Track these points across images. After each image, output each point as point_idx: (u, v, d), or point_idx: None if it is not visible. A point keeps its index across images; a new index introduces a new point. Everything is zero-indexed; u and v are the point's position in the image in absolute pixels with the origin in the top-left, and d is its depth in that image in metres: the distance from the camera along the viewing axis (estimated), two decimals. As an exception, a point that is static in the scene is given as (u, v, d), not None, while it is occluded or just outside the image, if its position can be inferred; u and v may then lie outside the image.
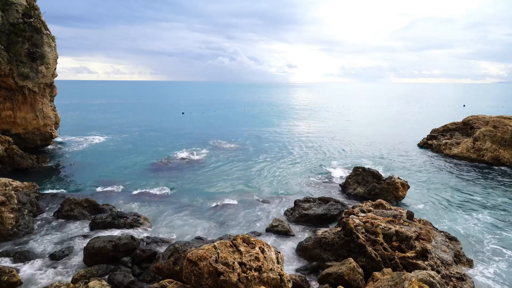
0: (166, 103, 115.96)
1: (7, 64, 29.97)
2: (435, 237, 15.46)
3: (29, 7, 32.19)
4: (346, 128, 57.97)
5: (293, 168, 31.34)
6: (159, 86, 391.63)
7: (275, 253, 11.79)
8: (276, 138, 47.89)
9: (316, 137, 48.44)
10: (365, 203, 18.00)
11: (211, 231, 18.31)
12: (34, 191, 20.90)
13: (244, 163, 32.91)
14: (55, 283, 12.50)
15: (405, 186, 22.95)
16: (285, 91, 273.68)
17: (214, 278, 10.17)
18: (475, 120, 39.60)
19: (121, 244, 15.01)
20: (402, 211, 16.62)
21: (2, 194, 17.72)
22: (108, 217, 18.50)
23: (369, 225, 14.63)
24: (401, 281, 10.47)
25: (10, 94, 31.83)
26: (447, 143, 37.28)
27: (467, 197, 24.06)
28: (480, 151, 33.30)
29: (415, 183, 26.74)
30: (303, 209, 20.06)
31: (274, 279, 10.66)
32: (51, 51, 33.25)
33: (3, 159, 27.76)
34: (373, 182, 23.68)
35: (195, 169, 30.53)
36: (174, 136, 48.41)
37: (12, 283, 12.68)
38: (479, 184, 26.87)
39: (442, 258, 13.83)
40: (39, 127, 34.39)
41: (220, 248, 10.92)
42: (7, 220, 16.83)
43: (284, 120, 70.58)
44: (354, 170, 25.50)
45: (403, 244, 13.84)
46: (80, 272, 13.44)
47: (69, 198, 20.44)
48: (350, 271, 12.41)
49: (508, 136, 32.28)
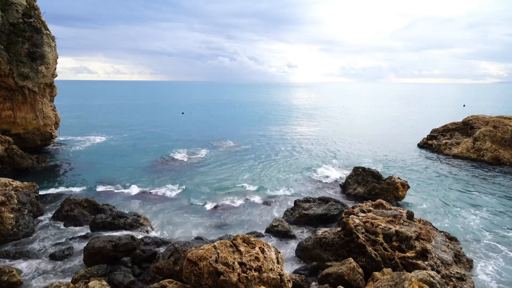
0: (166, 103, 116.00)
1: (7, 64, 29.97)
2: (435, 237, 15.45)
3: (29, 7, 32.19)
4: (346, 128, 57.98)
5: (293, 168, 31.34)
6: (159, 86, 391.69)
7: (275, 253, 11.79)
8: (276, 138, 47.89)
9: (316, 137, 48.45)
10: (365, 203, 18.00)
11: (211, 231, 18.31)
12: (34, 191, 20.89)
13: (244, 163, 32.91)
14: (55, 283, 12.50)
15: (405, 186, 22.95)
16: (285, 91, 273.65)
17: (214, 278, 10.17)
18: (475, 120, 39.60)
19: (121, 244, 15.01)
20: (402, 211, 16.62)
21: (2, 194, 17.72)
22: (108, 217, 18.49)
23: (369, 225, 14.63)
24: (401, 281, 10.47)
25: (10, 94, 31.83)
26: (447, 143, 37.28)
27: (467, 197, 24.06)
28: (480, 151, 33.29)
29: (415, 183, 26.75)
30: (303, 209, 20.05)
31: (274, 279, 10.66)
32: (51, 51, 33.25)
33: (3, 159, 27.75)
34: (373, 182, 23.67)
35: (195, 169, 30.53)
36: (174, 136, 48.43)
37: (12, 283, 12.69)
38: (479, 184, 26.86)
39: (442, 258, 13.83)
40: (39, 127, 34.39)
41: (220, 248, 10.92)
42: (7, 220, 16.83)
43: (284, 120, 70.58)
44: (354, 170, 25.49)
45: (403, 244, 13.84)
46: (80, 272, 13.43)
47: (69, 198, 20.44)
48: (350, 271, 12.40)
49: (508, 136, 32.28)
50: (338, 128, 57.93)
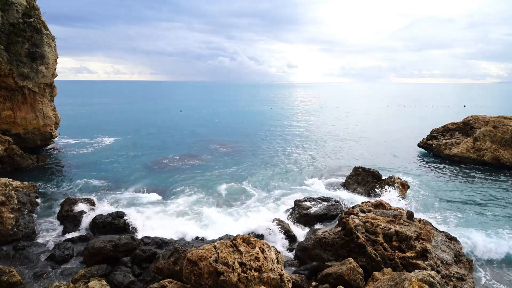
0: (166, 103, 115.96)
1: (7, 64, 29.95)
2: (435, 237, 15.45)
3: (29, 7, 32.16)
4: (346, 128, 57.96)
5: (293, 168, 31.33)
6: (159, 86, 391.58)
7: (275, 253, 11.79)
8: (276, 137, 47.87)
9: (316, 137, 48.44)
10: (365, 203, 18.00)
11: (211, 231, 18.30)
12: (34, 191, 20.90)
13: (244, 163, 32.89)
14: (55, 283, 12.49)
15: (405, 186, 22.95)
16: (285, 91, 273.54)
17: (214, 278, 10.17)
18: (475, 120, 39.55)
19: (121, 244, 15.01)
20: (402, 211, 16.62)
21: (2, 194, 17.72)
22: (108, 217, 18.50)
23: (369, 225, 14.62)
24: (401, 281, 10.46)
25: (10, 94, 31.81)
26: (447, 143, 37.27)
27: (467, 197, 24.06)
28: (480, 151, 33.27)
29: (415, 183, 26.74)
30: (303, 209, 20.06)
31: (274, 279, 10.66)
32: (51, 51, 33.23)
33: (3, 159, 27.75)
34: (373, 182, 23.67)
35: (195, 169, 30.52)
36: (174, 136, 48.40)
37: (12, 283, 12.68)
38: (479, 184, 26.86)
39: (442, 258, 13.83)
40: (39, 127, 34.37)
41: (220, 248, 10.92)
42: (7, 220, 16.83)
43: (284, 120, 70.54)
44: (354, 170, 25.50)
45: (403, 244, 13.83)
46: (80, 272, 13.43)
47: (69, 198, 20.45)
48: (350, 271, 12.40)
49: (508, 136, 32.27)
50: (338, 128, 57.90)
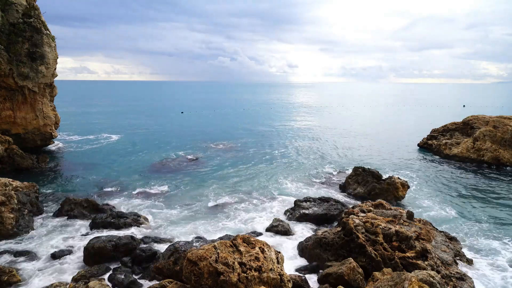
0: (165, 103, 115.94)
1: (7, 64, 29.96)
2: (435, 237, 15.46)
3: (29, 7, 32.16)
4: (346, 128, 57.95)
5: (293, 168, 31.33)
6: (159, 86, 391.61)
7: (275, 253, 11.79)
8: (276, 137, 47.88)
9: (316, 137, 48.44)
10: (365, 203, 18.00)
11: (211, 231, 18.31)
12: (34, 191, 20.89)
13: (244, 163, 32.89)
14: (55, 283, 12.50)
15: (405, 186, 22.95)
16: (285, 91, 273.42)
17: (214, 278, 10.17)
18: (475, 120, 39.55)
19: (121, 244, 15.02)
20: (402, 211, 16.62)
21: (2, 194, 17.72)
22: (108, 217, 18.50)
23: (369, 225, 14.63)
24: (401, 281, 10.46)
25: (10, 94, 31.81)
26: (447, 143, 37.27)
27: (467, 197, 24.07)
28: (480, 151, 33.28)
29: (415, 183, 26.76)
30: (303, 209, 20.06)
31: (274, 279, 10.66)
32: (51, 51, 33.23)
33: (3, 159, 27.75)
34: (373, 182, 23.67)
35: (196, 169, 30.52)
36: (174, 136, 48.39)
37: (12, 283, 12.70)
38: (479, 184, 26.87)
39: (442, 258, 13.84)
40: (39, 127, 34.37)
41: (220, 248, 10.92)
42: (7, 220, 16.84)
43: (284, 119, 70.55)
44: (354, 170, 25.49)
45: (403, 244, 13.84)
46: (80, 272, 13.44)
47: (69, 198, 20.45)
48: (350, 271, 12.41)
49: (508, 136, 32.28)
50: (338, 128, 57.90)
